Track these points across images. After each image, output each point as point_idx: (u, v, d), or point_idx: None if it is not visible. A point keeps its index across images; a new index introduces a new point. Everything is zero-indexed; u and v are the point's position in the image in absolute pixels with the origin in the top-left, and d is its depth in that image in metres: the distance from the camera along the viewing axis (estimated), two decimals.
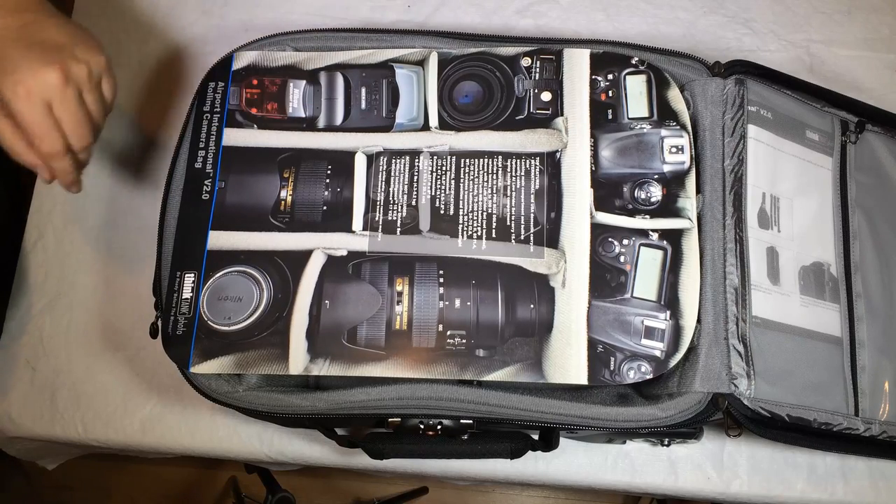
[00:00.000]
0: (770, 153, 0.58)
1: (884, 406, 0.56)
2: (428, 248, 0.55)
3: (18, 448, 0.71)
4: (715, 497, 0.64)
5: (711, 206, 0.56)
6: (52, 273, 0.69)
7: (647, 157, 0.56)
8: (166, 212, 0.58)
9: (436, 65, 0.60)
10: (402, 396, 0.53)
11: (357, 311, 0.54)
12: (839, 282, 0.58)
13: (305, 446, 0.65)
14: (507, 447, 0.54)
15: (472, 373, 0.52)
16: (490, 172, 0.57)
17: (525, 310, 0.54)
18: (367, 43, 0.62)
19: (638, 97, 0.58)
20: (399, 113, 0.59)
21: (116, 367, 0.67)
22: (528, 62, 0.60)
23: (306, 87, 0.60)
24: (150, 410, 0.66)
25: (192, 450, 0.66)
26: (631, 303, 0.53)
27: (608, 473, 0.64)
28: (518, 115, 0.58)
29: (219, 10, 0.76)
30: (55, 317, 0.68)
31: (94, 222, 0.70)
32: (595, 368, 0.52)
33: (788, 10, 0.75)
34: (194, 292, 0.54)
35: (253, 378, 0.56)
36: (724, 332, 0.53)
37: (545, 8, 0.76)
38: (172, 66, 0.74)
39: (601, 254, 0.54)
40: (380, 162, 0.58)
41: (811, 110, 0.61)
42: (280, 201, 0.57)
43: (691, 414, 0.52)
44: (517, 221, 0.56)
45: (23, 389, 0.67)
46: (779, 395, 0.53)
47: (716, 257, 0.55)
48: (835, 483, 0.63)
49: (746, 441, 0.63)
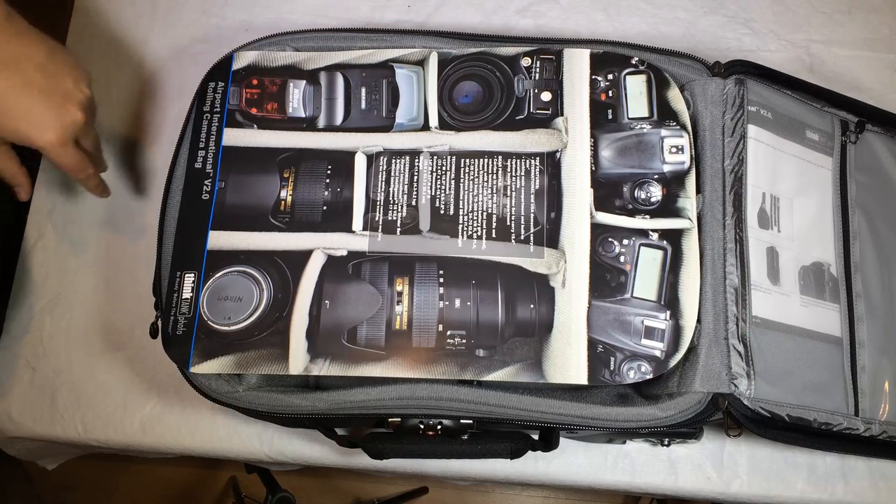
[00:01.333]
0: (770, 153, 0.58)
1: (884, 406, 0.56)
2: (428, 248, 0.55)
3: (18, 448, 0.71)
4: (715, 497, 0.64)
5: (711, 206, 0.56)
6: (52, 273, 0.69)
7: (647, 157, 0.56)
8: (166, 212, 0.58)
9: (436, 65, 0.60)
10: (402, 396, 0.53)
11: (357, 311, 0.54)
12: (839, 282, 0.58)
13: (305, 446, 0.65)
14: (507, 447, 0.54)
15: (472, 373, 0.52)
16: (490, 172, 0.57)
17: (525, 310, 0.54)
18: (367, 43, 0.62)
19: (638, 97, 0.58)
20: (399, 113, 0.59)
21: (116, 367, 0.67)
22: (528, 62, 0.60)
23: (306, 87, 0.60)
24: (150, 410, 0.66)
25: (192, 450, 0.66)
26: (631, 303, 0.53)
27: (608, 473, 0.64)
28: (518, 115, 0.58)
29: (219, 10, 0.76)
30: (55, 317, 0.68)
31: (94, 222, 0.70)
32: (595, 368, 0.52)
33: (788, 10, 0.75)
34: (194, 292, 0.54)
35: (253, 378, 0.56)
36: (724, 332, 0.53)
37: (545, 8, 0.76)
38: (172, 66, 0.74)
39: (601, 254, 0.54)
40: (380, 162, 0.58)
41: (811, 110, 0.61)
42: (280, 201, 0.57)
43: (691, 414, 0.52)
44: (517, 221, 0.56)
45: (23, 389, 0.67)
46: (779, 395, 0.53)
47: (716, 257, 0.55)
48: (835, 483, 0.63)
49: (746, 441, 0.63)
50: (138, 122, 0.73)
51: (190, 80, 0.63)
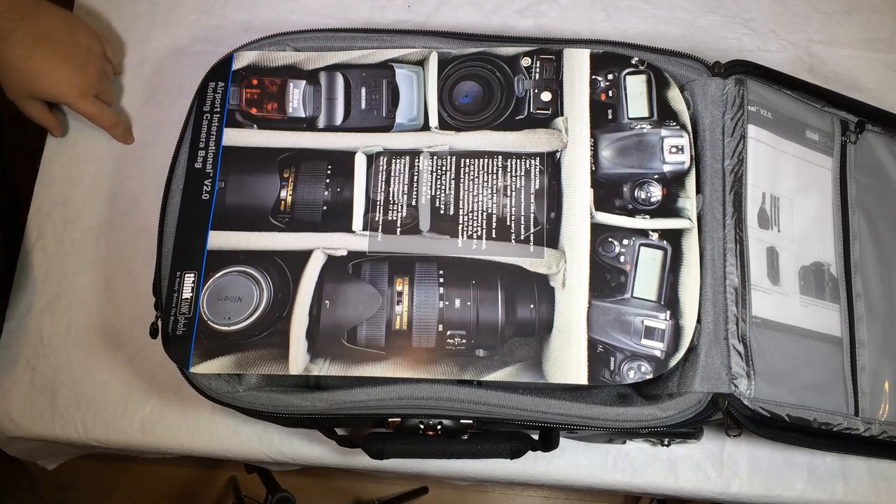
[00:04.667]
0: (770, 153, 0.58)
1: (884, 406, 0.56)
2: (428, 248, 0.55)
3: (18, 448, 0.71)
4: (715, 497, 0.64)
5: (711, 206, 0.56)
6: (52, 273, 0.69)
7: (647, 157, 0.56)
8: (166, 212, 0.58)
9: (436, 65, 0.60)
10: (402, 396, 0.53)
11: (357, 311, 0.54)
12: (839, 282, 0.58)
13: (305, 446, 0.65)
14: (507, 447, 0.54)
15: (472, 373, 0.52)
16: (490, 172, 0.57)
17: (525, 310, 0.54)
18: (367, 43, 0.62)
19: (638, 97, 0.58)
20: (399, 113, 0.59)
21: (116, 367, 0.67)
22: (528, 62, 0.60)
23: (306, 87, 0.60)
24: (150, 410, 0.66)
25: (192, 450, 0.66)
26: (631, 303, 0.53)
27: (608, 473, 0.64)
28: (518, 115, 0.58)
29: (219, 10, 0.76)
30: (55, 317, 0.68)
31: (94, 222, 0.70)
32: (595, 368, 0.52)
33: (788, 10, 0.75)
34: (194, 292, 0.54)
35: (253, 378, 0.56)
36: (724, 332, 0.53)
37: (545, 8, 0.76)
38: (172, 66, 0.74)
39: (601, 254, 0.54)
40: (380, 162, 0.58)
41: (811, 110, 0.61)
42: (280, 201, 0.57)
43: (691, 414, 0.52)
44: (517, 221, 0.56)
45: (23, 389, 0.66)
46: (779, 395, 0.53)
47: (716, 257, 0.55)
48: (835, 483, 0.63)
49: (746, 441, 0.63)
50: (138, 122, 0.73)
51: (190, 80, 0.63)
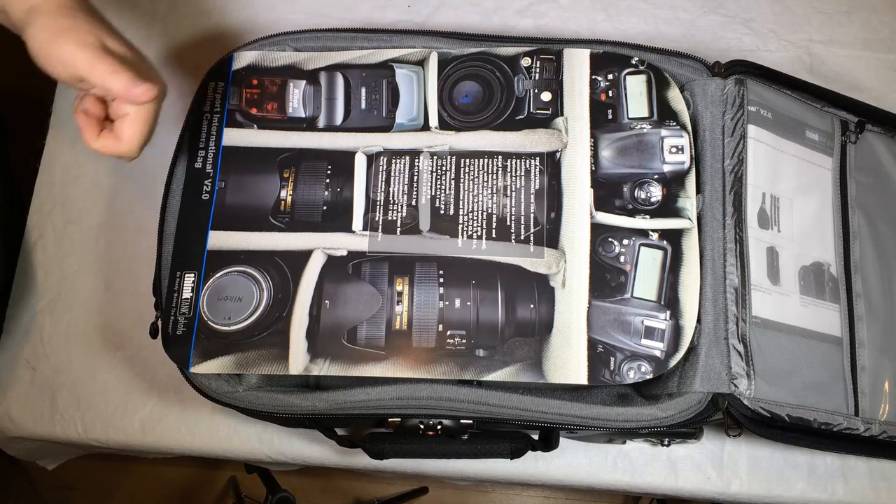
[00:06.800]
0: (770, 153, 0.58)
1: (884, 406, 0.56)
2: (428, 248, 0.55)
3: (18, 448, 0.71)
4: (715, 497, 0.64)
5: (711, 206, 0.56)
6: (52, 273, 0.69)
7: (647, 157, 0.56)
8: (166, 212, 0.58)
9: (436, 65, 0.60)
10: (402, 396, 0.53)
11: (357, 311, 0.54)
12: (839, 282, 0.58)
13: (305, 446, 0.65)
14: (507, 447, 0.54)
15: (472, 373, 0.52)
16: (490, 172, 0.57)
17: (525, 310, 0.54)
18: (367, 43, 0.62)
19: (638, 97, 0.58)
20: (399, 113, 0.59)
21: (116, 367, 0.67)
22: (528, 62, 0.60)
23: (306, 87, 0.60)
24: (150, 410, 0.66)
25: (192, 450, 0.66)
26: (631, 303, 0.53)
27: (608, 473, 0.64)
28: (518, 115, 0.58)
29: (219, 10, 0.76)
30: (55, 317, 0.68)
31: (94, 222, 0.70)
32: (595, 368, 0.52)
33: (788, 10, 0.75)
34: (194, 292, 0.54)
35: (253, 378, 0.56)
36: (724, 332, 0.53)
37: (545, 8, 0.76)
38: (172, 66, 0.74)
39: (601, 254, 0.54)
40: (380, 162, 0.58)
41: (811, 110, 0.61)
42: (280, 201, 0.57)
43: (691, 414, 0.52)
44: (517, 221, 0.56)
45: (23, 389, 0.67)
46: (779, 395, 0.53)
47: (716, 257, 0.55)
48: (835, 483, 0.63)
49: (746, 441, 0.63)
50: None
51: (190, 80, 0.63)
